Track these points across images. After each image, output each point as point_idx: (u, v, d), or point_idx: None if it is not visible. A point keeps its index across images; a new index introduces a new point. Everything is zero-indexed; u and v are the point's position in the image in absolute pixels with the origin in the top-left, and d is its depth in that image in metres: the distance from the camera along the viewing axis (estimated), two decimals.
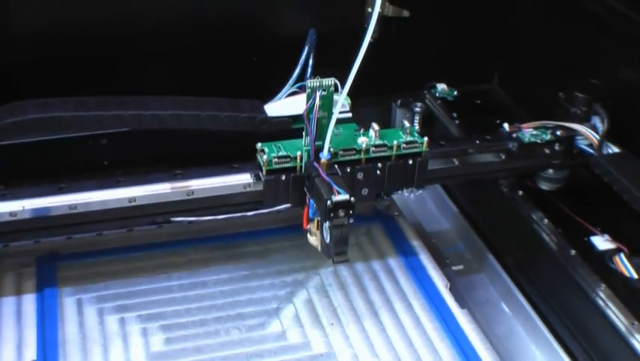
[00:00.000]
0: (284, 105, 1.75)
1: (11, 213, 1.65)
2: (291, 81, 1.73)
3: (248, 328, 1.80)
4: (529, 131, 1.91)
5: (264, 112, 1.75)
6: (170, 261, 1.96)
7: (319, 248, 1.73)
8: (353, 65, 1.56)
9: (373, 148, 1.72)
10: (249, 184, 1.73)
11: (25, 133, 1.73)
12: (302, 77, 1.73)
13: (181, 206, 1.74)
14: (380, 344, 1.78)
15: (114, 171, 1.85)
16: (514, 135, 1.90)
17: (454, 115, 1.98)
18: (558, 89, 2.01)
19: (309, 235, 1.73)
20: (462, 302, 1.88)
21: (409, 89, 2.06)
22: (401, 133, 1.76)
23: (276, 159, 1.68)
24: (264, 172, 1.69)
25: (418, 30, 1.94)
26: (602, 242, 1.85)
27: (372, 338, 1.79)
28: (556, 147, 1.92)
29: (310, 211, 1.69)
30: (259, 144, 1.70)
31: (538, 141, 1.90)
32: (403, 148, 1.74)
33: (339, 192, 1.59)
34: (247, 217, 1.97)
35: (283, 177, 1.70)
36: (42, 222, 1.69)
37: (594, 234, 1.87)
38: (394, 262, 1.98)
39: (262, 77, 1.88)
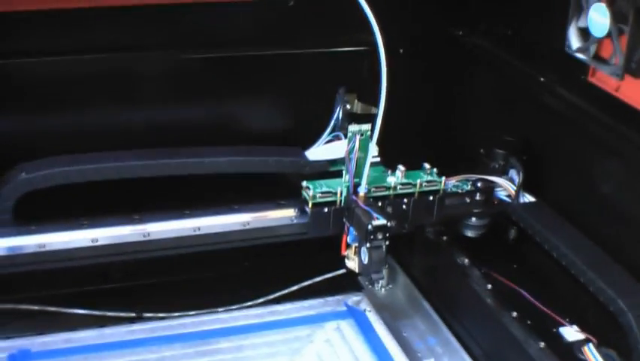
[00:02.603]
0: (322, 151, 2.05)
1: None
2: (327, 131, 2.06)
3: None
4: (451, 183, 2.08)
5: (304, 156, 2.04)
6: (142, 358, 1.93)
7: (357, 270, 1.96)
8: (377, 117, 1.87)
9: (400, 186, 1.99)
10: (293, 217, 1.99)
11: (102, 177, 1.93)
12: (334, 129, 2.08)
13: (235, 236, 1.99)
14: None
15: None
16: None
17: None
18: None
19: (346, 260, 1.97)
20: None
21: None
22: (422, 174, 2.03)
23: (320, 194, 1.94)
24: (310, 205, 1.94)
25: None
26: (571, 333, 1.86)
27: None
28: (477, 197, 2.09)
29: (349, 238, 1.94)
30: (304, 182, 1.96)
31: (459, 191, 2.07)
32: (425, 186, 2.01)
33: (377, 218, 1.85)
34: (218, 313, 2.08)
35: (326, 210, 1.95)
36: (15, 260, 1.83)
37: (562, 325, 1.89)
38: (366, 357, 1.97)
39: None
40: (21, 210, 1.93)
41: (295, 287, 2.15)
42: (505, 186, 2.09)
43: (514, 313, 1.92)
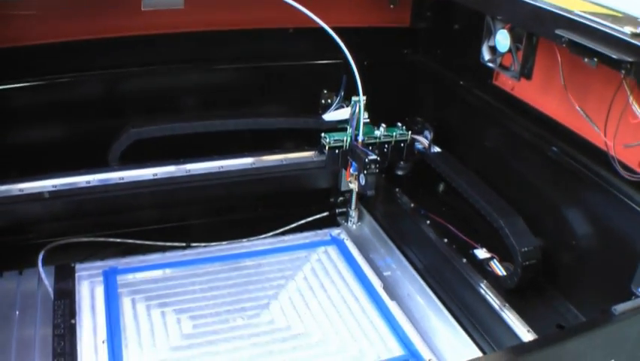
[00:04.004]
0: (333, 115, 2.20)
1: (85, 183, 1.95)
2: (336, 102, 2.19)
3: (248, 317, 1.89)
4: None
5: (322, 118, 2.20)
6: (194, 272, 2.03)
7: (356, 189, 2.17)
8: (360, 99, 2.07)
9: (383, 136, 2.20)
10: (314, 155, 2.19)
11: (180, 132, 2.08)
12: (340, 101, 2.19)
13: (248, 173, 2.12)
14: (338, 324, 1.88)
15: None
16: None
17: None
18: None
19: (350, 184, 2.17)
20: (391, 296, 1.97)
21: None
22: (397, 129, 2.23)
23: (333, 141, 2.15)
24: (327, 148, 2.15)
25: None
26: (481, 253, 1.97)
27: (332, 321, 1.89)
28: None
29: (352, 169, 2.14)
30: (323, 134, 2.16)
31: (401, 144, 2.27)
32: (398, 137, 2.22)
33: (371, 155, 2.06)
34: (243, 242, 2.19)
35: (337, 151, 2.17)
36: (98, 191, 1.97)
37: (476, 247, 1.99)
38: (345, 271, 2.06)
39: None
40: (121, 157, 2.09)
41: (296, 224, 2.26)
42: (422, 141, 2.27)
43: (445, 240, 2.07)
